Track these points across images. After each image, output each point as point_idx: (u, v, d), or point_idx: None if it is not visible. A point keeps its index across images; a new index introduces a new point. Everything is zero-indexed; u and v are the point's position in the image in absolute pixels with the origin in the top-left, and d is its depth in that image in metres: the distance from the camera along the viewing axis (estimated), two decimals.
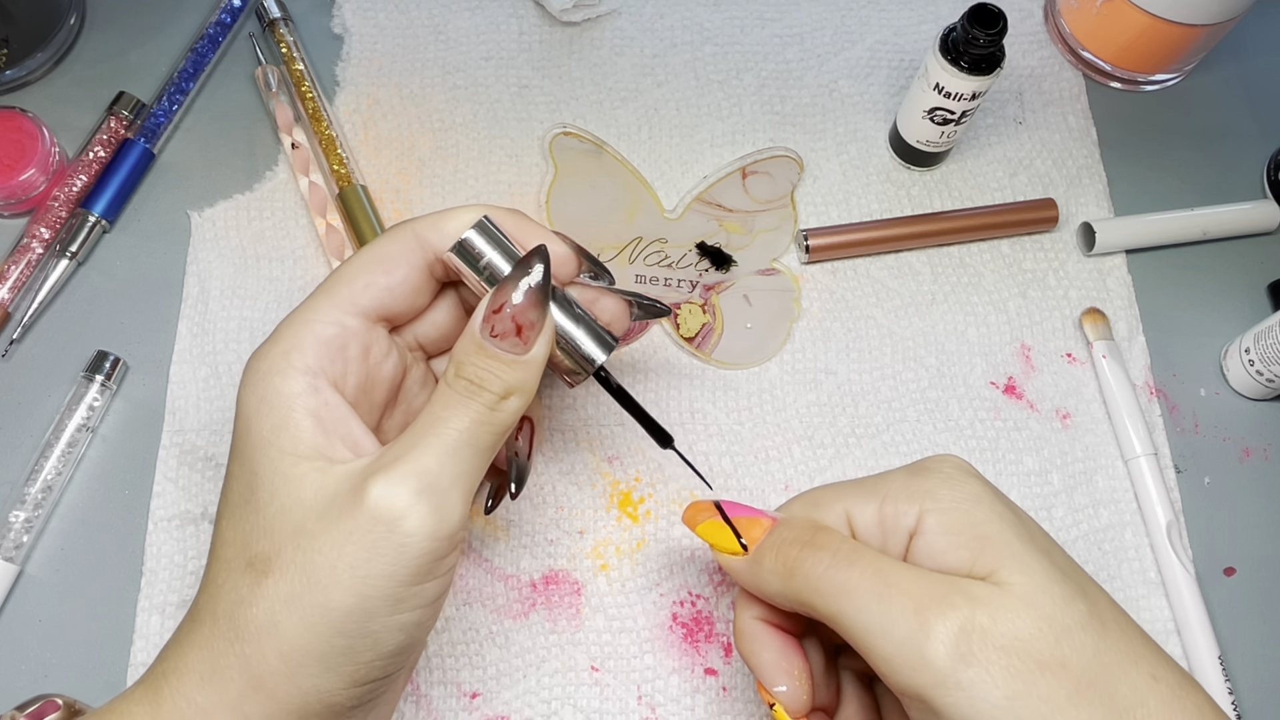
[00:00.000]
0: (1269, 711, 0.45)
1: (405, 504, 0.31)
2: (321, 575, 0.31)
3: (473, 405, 0.33)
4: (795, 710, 0.36)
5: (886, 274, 0.52)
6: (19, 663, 0.43)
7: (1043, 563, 0.32)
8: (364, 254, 0.36)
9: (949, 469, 0.35)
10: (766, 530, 0.36)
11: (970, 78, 0.48)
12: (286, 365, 0.33)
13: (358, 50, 0.56)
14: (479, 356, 0.33)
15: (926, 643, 0.31)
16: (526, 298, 0.33)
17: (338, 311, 0.35)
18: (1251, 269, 0.54)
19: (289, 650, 0.31)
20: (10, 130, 0.49)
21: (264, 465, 0.33)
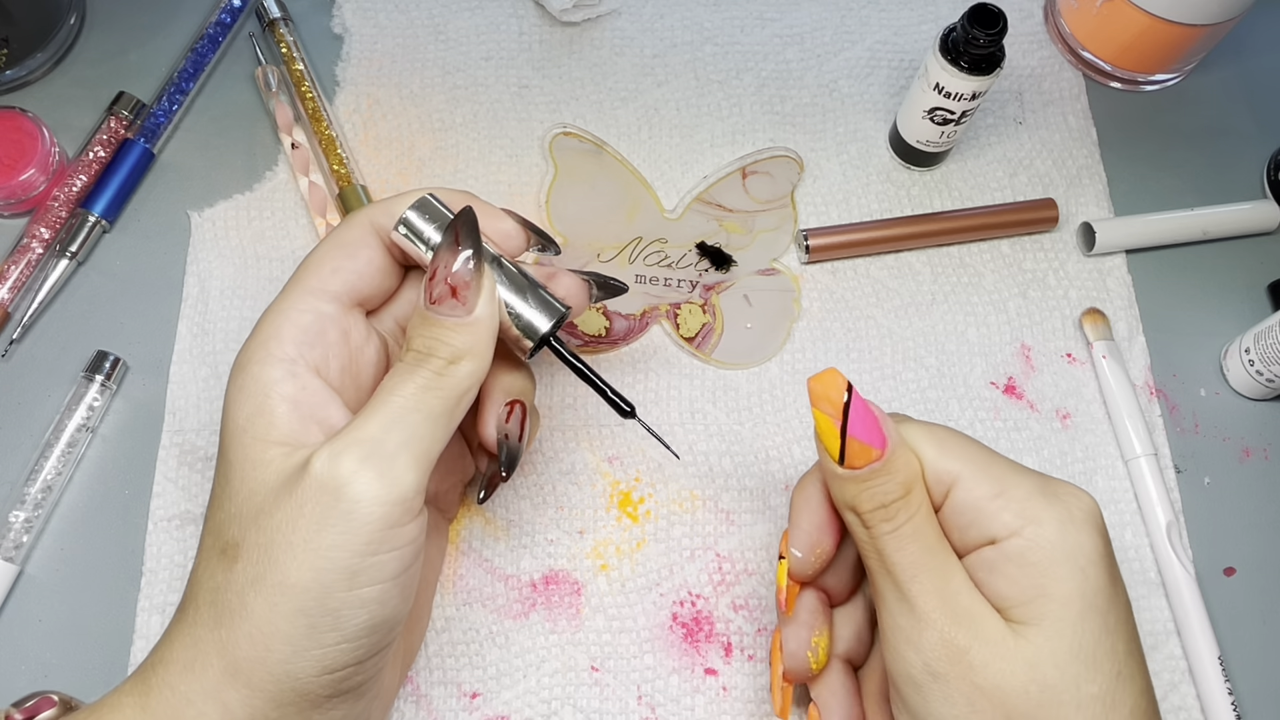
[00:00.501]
0: (1269, 711, 0.45)
1: (349, 471, 0.31)
2: (278, 553, 0.31)
3: (419, 371, 0.33)
4: (796, 576, 0.38)
5: (886, 274, 0.52)
6: (19, 663, 0.43)
7: (1085, 638, 0.32)
8: (326, 242, 0.37)
9: (1077, 511, 0.34)
10: (870, 463, 0.34)
11: (970, 78, 0.48)
12: (265, 354, 0.34)
13: (358, 50, 0.56)
14: (424, 326, 0.34)
15: (914, 645, 0.33)
16: (456, 258, 0.34)
17: (312, 298, 0.36)
18: (1251, 269, 0.54)
19: (257, 633, 0.31)
20: (10, 130, 0.49)
21: (237, 453, 0.33)
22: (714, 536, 0.46)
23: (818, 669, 0.39)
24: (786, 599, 0.38)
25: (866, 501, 0.35)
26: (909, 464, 0.35)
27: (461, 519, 0.46)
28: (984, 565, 0.34)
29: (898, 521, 0.34)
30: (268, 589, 0.31)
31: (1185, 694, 0.45)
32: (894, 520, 0.34)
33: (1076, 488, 0.35)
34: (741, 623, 0.45)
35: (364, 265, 0.37)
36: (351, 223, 0.38)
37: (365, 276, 0.37)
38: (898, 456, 0.35)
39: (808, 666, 0.39)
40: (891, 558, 0.34)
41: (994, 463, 0.35)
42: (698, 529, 0.47)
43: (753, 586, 0.46)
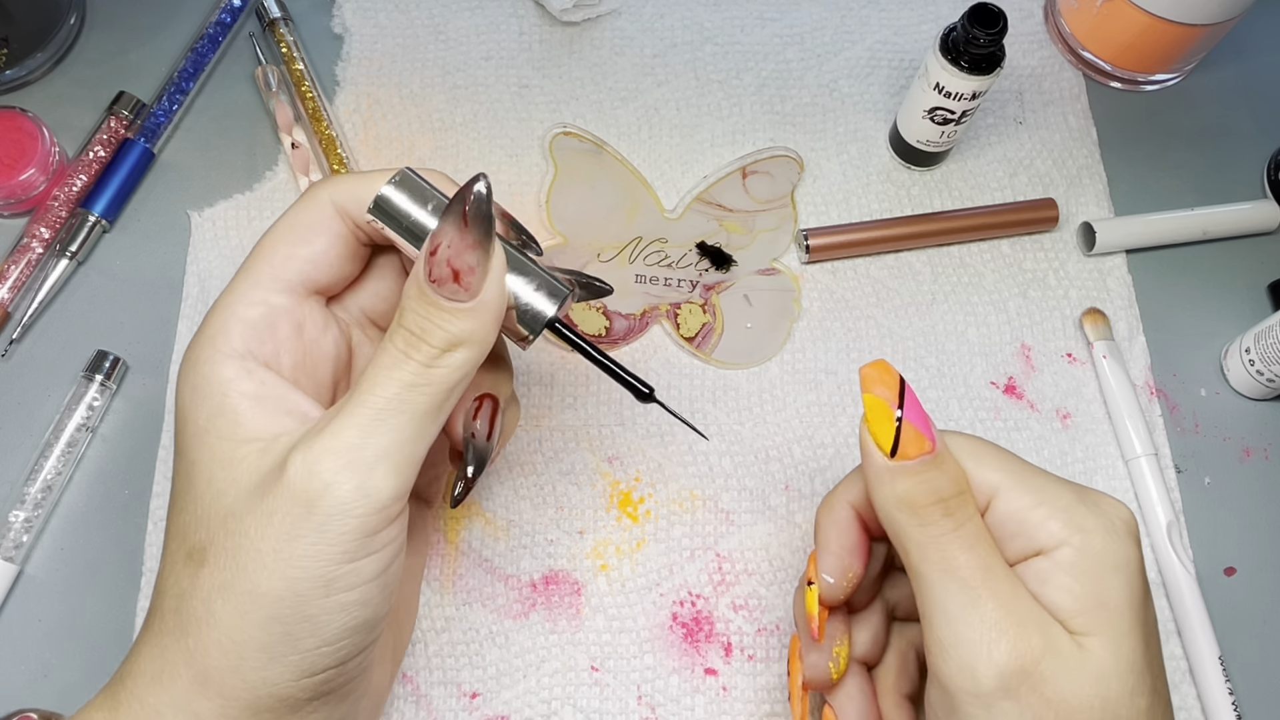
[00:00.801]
0: (1269, 712, 0.45)
1: (324, 480, 0.29)
2: (248, 560, 0.30)
3: (406, 365, 0.31)
4: (826, 602, 0.37)
5: (886, 274, 0.52)
6: (19, 663, 0.43)
7: (1137, 650, 0.32)
8: (280, 225, 0.34)
9: (1118, 521, 0.33)
10: (923, 454, 0.33)
11: (970, 78, 0.48)
12: (214, 352, 0.32)
13: (358, 50, 0.56)
14: (419, 303, 0.31)
15: (986, 657, 0.31)
16: (463, 236, 0.30)
17: (260, 290, 0.33)
18: (1251, 269, 0.54)
19: (228, 642, 0.30)
20: (10, 130, 0.49)
21: (201, 453, 0.31)
22: (714, 537, 0.46)
23: (838, 678, 0.38)
24: (819, 628, 0.37)
25: (924, 495, 0.33)
26: (957, 465, 0.34)
27: (461, 519, 0.46)
28: (1034, 577, 0.33)
29: (959, 519, 0.33)
30: (236, 596, 0.30)
31: (1186, 694, 0.45)
32: (955, 518, 0.33)
33: (1112, 497, 0.34)
34: (741, 623, 0.45)
35: (321, 251, 0.34)
36: (309, 202, 0.34)
37: (323, 264, 0.34)
38: (947, 454, 0.34)
39: (829, 678, 0.38)
40: (958, 559, 0.32)
41: (1031, 472, 0.34)
42: (698, 529, 0.47)
43: (752, 587, 0.46)
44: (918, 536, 0.33)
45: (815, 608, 0.36)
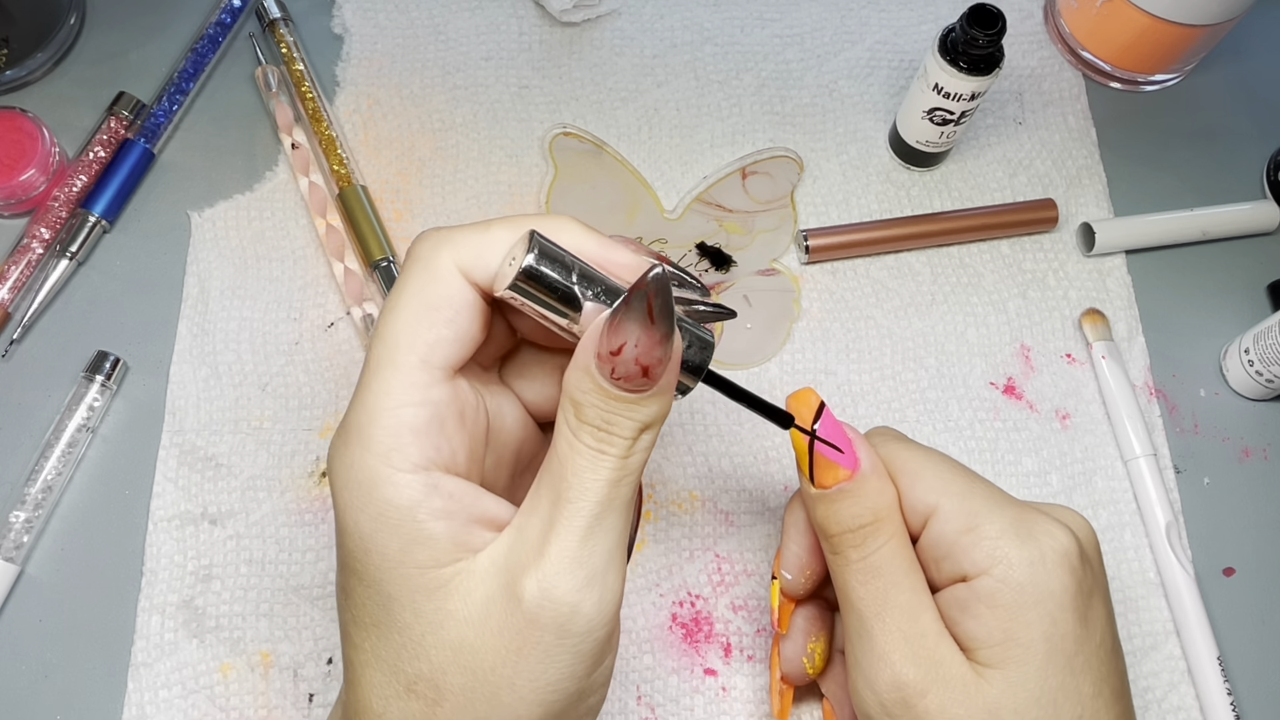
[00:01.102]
0: (1269, 712, 0.45)
1: (569, 604, 0.28)
2: (501, 694, 0.29)
3: (605, 461, 0.29)
4: (788, 595, 0.39)
5: (886, 274, 0.52)
6: (19, 663, 0.43)
7: (1046, 684, 0.32)
8: (411, 303, 0.30)
9: (1050, 552, 0.33)
10: (838, 482, 0.34)
11: (969, 78, 0.48)
12: (392, 471, 0.29)
13: (358, 50, 0.56)
14: (601, 398, 0.29)
15: (869, 685, 0.34)
16: (650, 334, 0.28)
17: (419, 389, 0.30)
18: (1251, 269, 0.54)
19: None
20: (10, 130, 0.49)
21: (400, 588, 0.29)
22: (713, 537, 0.46)
23: (814, 674, 0.40)
24: (780, 618, 0.39)
25: (834, 524, 0.34)
26: (882, 491, 0.34)
27: None
28: (955, 603, 0.34)
29: (865, 550, 0.34)
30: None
31: (1184, 694, 0.45)
32: (861, 549, 0.34)
33: (1055, 523, 0.34)
34: (741, 623, 0.45)
35: (465, 329, 0.31)
36: (433, 271, 0.31)
37: (467, 340, 0.31)
38: (870, 481, 0.34)
39: (803, 672, 0.40)
40: (856, 591, 0.34)
41: (972, 494, 0.34)
42: (697, 530, 0.47)
43: (752, 587, 0.46)
44: (831, 559, 0.35)
45: (777, 599, 0.39)
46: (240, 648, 0.43)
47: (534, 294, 0.30)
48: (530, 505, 0.30)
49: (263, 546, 0.45)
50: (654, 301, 0.28)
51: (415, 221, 0.52)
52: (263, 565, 0.45)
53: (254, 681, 0.43)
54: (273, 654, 0.43)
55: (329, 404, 0.48)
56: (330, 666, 0.43)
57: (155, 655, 0.43)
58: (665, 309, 0.28)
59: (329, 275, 0.50)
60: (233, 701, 0.43)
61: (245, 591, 0.44)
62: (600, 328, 0.29)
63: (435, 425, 0.30)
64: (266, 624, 0.44)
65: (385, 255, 0.50)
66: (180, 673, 0.43)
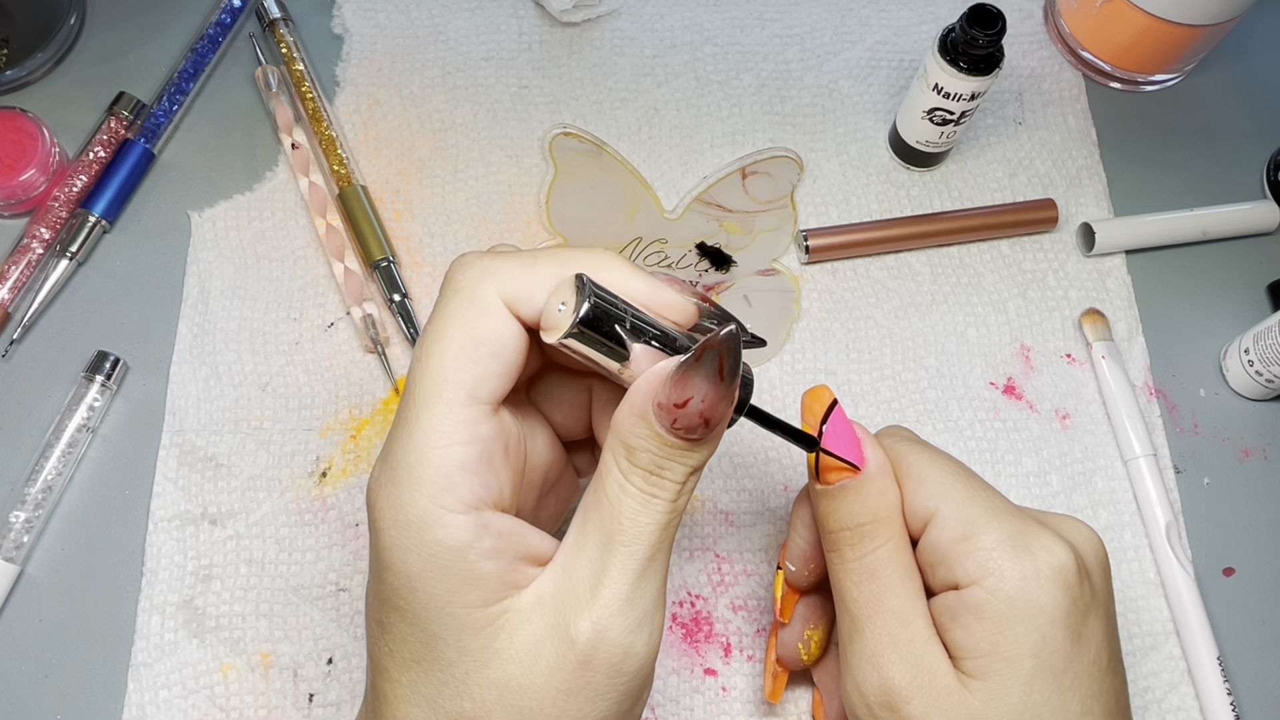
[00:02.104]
0: (1269, 712, 0.45)
1: (623, 646, 0.29)
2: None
3: (656, 505, 0.30)
4: (792, 587, 0.39)
5: (886, 274, 0.52)
6: (19, 663, 0.43)
7: (1029, 699, 0.32)
8: (459, 335, 0.30)
9: (1045, 567, 0.32)
10: (842, 480, 0.34)
11: (969, 78, 0.48)
12: (443, 513, 0.29)
13: (358, 50, 0.56)
14: (656, 444, 0.29)
15: (858, 685, 0.34)
16: (717, 390, 0.29)
17: (469, 426, 0.29)
18: (1251, 269, 0.54)
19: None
20: (10, 130, 0.49)
21: (446, 627, 0.29)
22: (713, 538, 0.46)
23: (809, 661, 0.40)
24: (783, 608, 0.39)
25: (834, 521, 0.34)
26: (884, 492, 0.34)
27: None
28: (946, 610, 0.34)
29: (861, 550, 0.34)
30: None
31: (1184, 694, 0.45)
32: (857, 548, 0.34)
33: (1055, 537, 0.33)
34: (741, 623, 0.45)
35: (512, 362, 0.30)
36: (479, 304, 0.30)
37: (513, 373, 0.31)
38: (873, 483, 0.34)
39: (798, 658, 0.40)
40: (850, 592, 0.34)
41: (973, 502, 0.34)
42: (697, 530, 0.47)
43: (752, 587, 0.46)
44: (829, 556, 0.35)
45: (780, 590, 0.39)
46: (240, 648, 0.43)
47: (589, 341, 0.29)
48: (576, 544, 0.30)
49: (263, 546, 0.45)
50: (725, 361, 0.28)
51: (415, 221, 0.52)
52: (263, 565, 0.45)
53: (254, 681, 0.43)
54: (273, 654, 0.43)
55: (329, 404, 0.48)
56: (330, 666, 0.43)
57: (155, 655, 0.43)
58: (734, 368, 0.29)
59: (329, 275, 0.50)
60: (233, 701, 0.43)
61: (245, 591, 0.44)
62: (661, 378, 0.29)
63: (485, 462, 0.30)
64: (266, 624, 0.44)
65: (385, 255, 0.50)
66: (180, 673, 0.43)
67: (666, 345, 0.30)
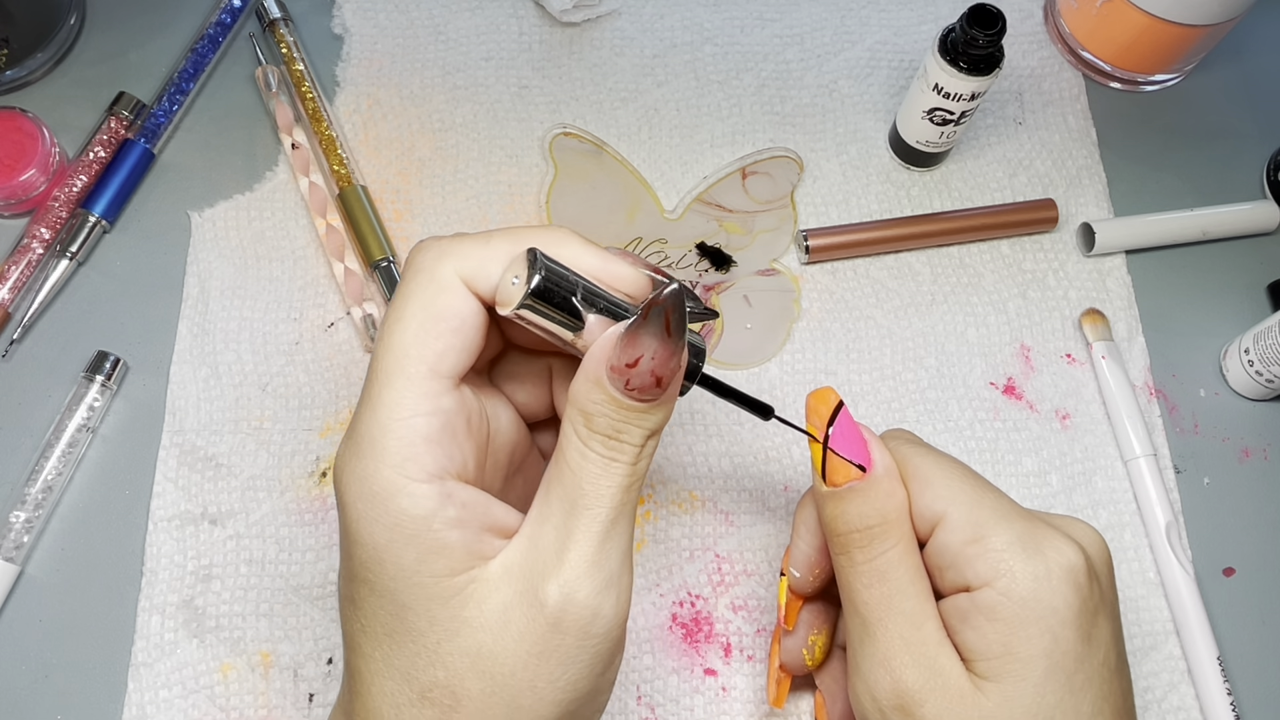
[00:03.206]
0: (1269, 712, 0.45)
1: (591, 607, 0.29)
2: (522, 699, 0.29)
3: (617, 468, 0.30)
4: (796, 593, 0.39)
5: (886, 274, 0.52)
6: (19, 663, 0.43)
7: (1042, 700, 0.32)
8: (418, 313, 0.31)
9: (1057, 568, 0.33)
10: (850, 482, 0.34)
11: (969, 78, 0.48)
12: (406, 482, 0.29)
13: (358, 50, 0.56)
14: (612, 408, 0.30)
15: (869, 688, 0.34)
16: (666, 346, 0.29)
17: (429, 398, 0.30)
18: (1251, 269, 0.54)
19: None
20: (10, 130, 0.49)
21: (414, 597, 0.30)
22: (713, 537, 0.46)
23: (814, 666, 0.40)
24: (787, 614, 0.39)
25: (842, 524, 0.34)
26: (892, 494, 0.34)
27: None
28: (957, 613, 0.34)
29: (871, 553, 0.34)
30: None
31: (1184, 694, 0.45)
32: (867, 550, 0.34)
33: (1064, 538, 0.34)
34: (741, 623, 0.45)
35: (471, 338, 0.31)
36: (438, 282, 0.31)
37: (473, 349, 0.31)
38: (881, 484, 0.34)
39: (803, 663, 0.40)
40: (860, 595, 0.34)
41: (981, 504, 0.34)
42: (697, 530, 0.47)
43: (752, 587, 0.46)
44: (837, 559, 0.35)
45: (785, 597, 0.39)
46: (240, 648, 0.43)
47: (541, 312, 0.30)
48: (541, 513, 0.31)
49: (263, 546, 0.45)
50: (671, 317, 0.29)
51: (415, 221, 0.52)
52: (263, 565, 0.45)
53: (254, 681, 0.43)
54: (273, 654, 0.43)
55: (329, 404, 0.48)
56: (330, 666, 0.43)
57: (155, 655, 0.43)
58: (680, 323, 0.29)
59: (329, 275, 0.50)
60: (233, 701, 0.43)
61: (245, 591, 0.44)
62: (612, 341, 0.30)
63: (447, 434, 0.30)
64: (266, 624, 0.44)
65: (385, 255, 0.50)
66: (180, 673, 0.43)
67: (619, 314, 0.31)
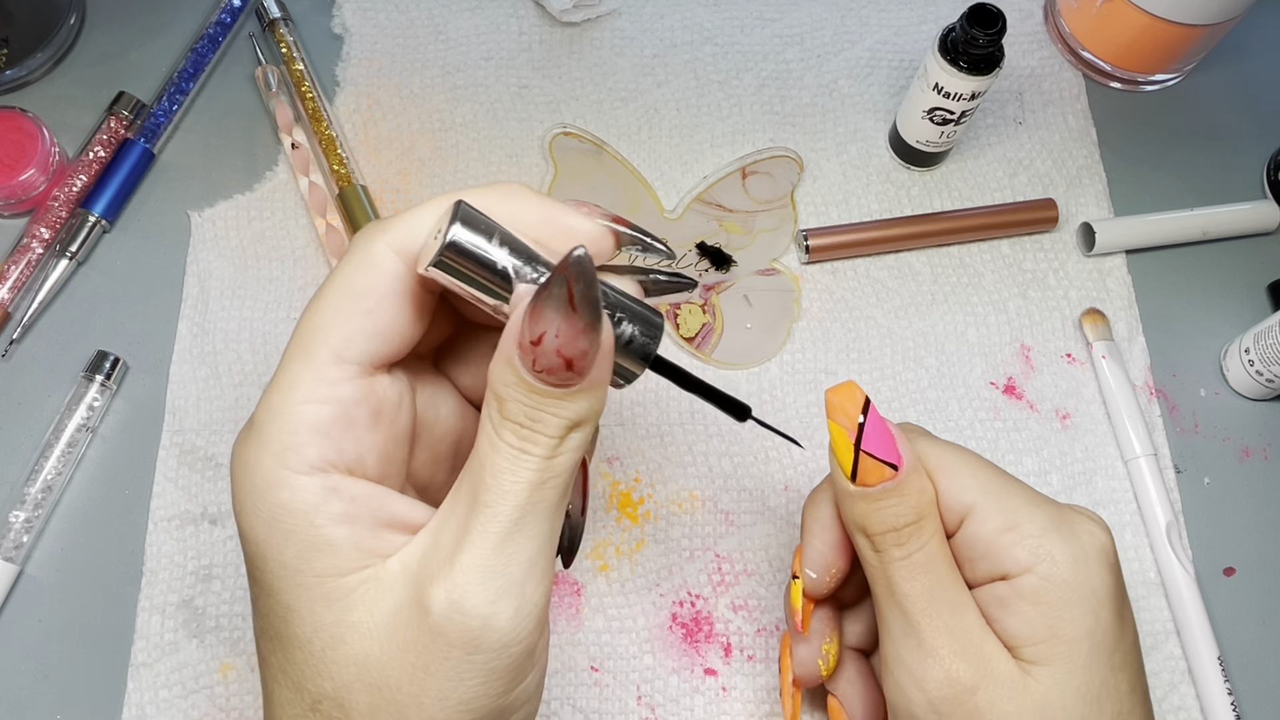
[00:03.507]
0: (1269, 712, 0.45)
1: (480, 617, 0.26)
2: (409, 715, 0.27)
3: (526, 462, 0.27)
4: (810, 596, 0.37)
5: (886, 274, 0.52)
6: (19, 663, 0.43)
7: (1090, 680, 0.32)
8: (332, 293, 0.28)
9: (1091, 550, 0.33)
10: (883, 481, 0.33)
11: (969, 78, 0.48)
12: (285, 473, 0.27)
13: (358, 50, 0.56)
14: (525, 392, 0.26)
15: (918, 682, 0.33)
16: (571, 322, 0.25)
17: (325, 384, 0.27)
18: (1251, 269, 0.54)
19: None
20: (10, 130, 0.49)
21: (298, 597, 0.27)
22: (713, 537, 0.46)
23: (828, 675, 0.39)
24: (802, 620, 0.37)
25: (878, 523, 0.34)
26: (923, 489, 0.34)
27: None
28: (995, 601, 0.33)
29: (910, 548, 0.33)
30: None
31: (1185, 694, 0.45)
32: (906, 546, 0.33)
33: (1091, 519, 0.34)
34: (741, 623, 0.45)
35: (390, 320, 0.28)
36: (362, 258, 0.28)
37: (391, 333, 0.28)
38: (912, 479, 0.34)
39: (818, 675, 0.39)
40: (901, 588, 0.33)
41: (1008, 492, 0.34)
42: (697, 529, 0.47)
43: (752, 587, 0.46)
44: (870, 558, 0.34)
45: (799, 601, 0.37)
46: (240, 648, 0.43)
47: (459, 271, 0.27)
48: (448, 508, 0.28)
49: None
50: (574, 287, 0.25)
51: None
52: None
53: (254, 681, 0.43)
54: None
55: None
56: None
57: (155, 655, 0.43)
58: (587, 295, 0.25)
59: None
60: (233, 701, 0.43)
61: (245, 592, 0.44)
62: (522, 314, 0.26)
63: (340, 424, 0.27)
64: None
65: None
66: (180, 673, 0.43)
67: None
